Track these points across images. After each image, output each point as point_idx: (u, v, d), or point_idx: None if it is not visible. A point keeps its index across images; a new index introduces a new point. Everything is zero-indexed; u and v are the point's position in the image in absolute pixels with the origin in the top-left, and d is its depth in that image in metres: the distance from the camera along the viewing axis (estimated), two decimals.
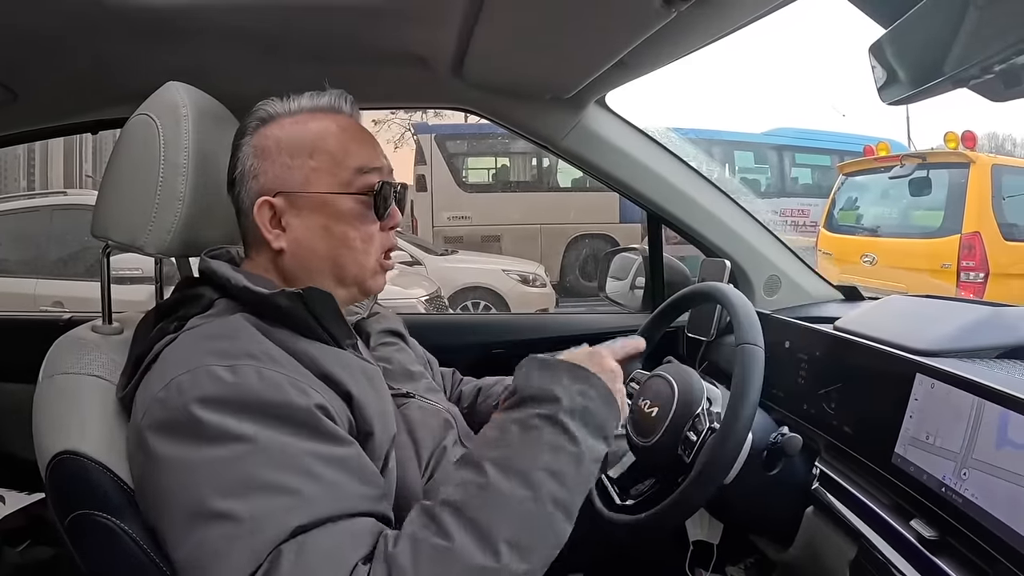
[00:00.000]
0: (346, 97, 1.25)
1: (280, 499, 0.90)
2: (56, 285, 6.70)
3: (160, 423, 0.97)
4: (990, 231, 6.65)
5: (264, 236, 1.18)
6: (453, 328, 2.56)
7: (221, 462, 0.92)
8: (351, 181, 1.19)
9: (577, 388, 1.05)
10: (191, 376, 0.97)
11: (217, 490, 0.90)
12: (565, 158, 2.13)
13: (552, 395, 1.04)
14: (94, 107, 1.94)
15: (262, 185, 1.19)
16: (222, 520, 0.89)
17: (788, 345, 1.74)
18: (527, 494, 0.95)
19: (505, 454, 0.99)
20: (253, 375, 0.98)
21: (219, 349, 1.01)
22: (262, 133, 1.21)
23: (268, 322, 1.09)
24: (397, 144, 19.44)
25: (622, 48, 1.48)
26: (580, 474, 1.01)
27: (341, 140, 1.20)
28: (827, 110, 45.26)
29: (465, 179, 13.19)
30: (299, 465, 0.93)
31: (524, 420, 1.02)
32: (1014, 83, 0.89)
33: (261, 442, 0.93)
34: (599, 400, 1.06)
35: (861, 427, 1.43)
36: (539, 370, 1.08)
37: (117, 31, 1.48)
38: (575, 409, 1.03)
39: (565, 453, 1.00)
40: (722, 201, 2.15)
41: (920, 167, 7.32)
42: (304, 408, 0.98)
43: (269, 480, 0.91)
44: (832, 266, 7.97)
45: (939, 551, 1.15)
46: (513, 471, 0.97)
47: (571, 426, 1.01)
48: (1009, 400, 1.09)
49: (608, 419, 1.07)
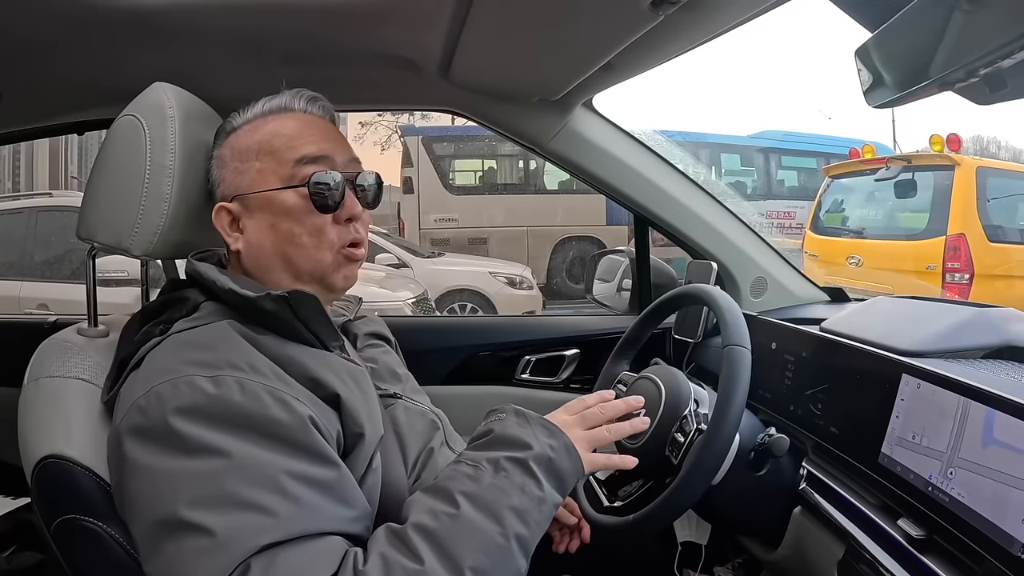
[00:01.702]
0: (301, 95, 1.25)
1: (253, 516, 0.90)
2: (41, 287, 6.64)
3: (138, 429, 0.97)
4: (975, 233, 6.69)
5: (225, 240, 1.21)
6: (440, 331, 2.55)
7: (197, 474, 0.92)
8: (293, 175, 1.19)
9: (548, 442, 1.09)
10: (172, 385, 0.97)
11: (191, 501, 0.90)
12: (552, 160, 2.13)
13: (525, 443, 1.08)
14: (80, 108, 1.93)
15: (222, 192, 1.22)
16: (194, 532, 0.89)
17: (775, 346, 1.75)
18: (495, 528, 0.99)
19: (477, 489, 1.02)
20: (235, 387, 0.97)
21: (202, 359, 1.00)
22: (224, 144, 1.24)
23: (254, 326, 1.09)
24: (384, 146, 19.47)
25: (610, 51, 1.49)
26: (541, 515, 1.05)
27: (286, 137, 1.20)
28: (813, 113, 45.50)
29: (452, 181, 13.17)
30: (275, 483, 0.93)
31: (497, 461, 1.05)
32: (999, 87, 0.90)
33: (238, 457, 0.93)
34: (564, 454, 1.10)
35: (848, 427, 1.44)
36: (516, 419, 1.12)
37: (104, 32, 1.47)
38: (543, 458, 1.07)
39: (531, 496, 1.04)
40: (709, 203, 2.16)
41: (905, 169, 7.37)
42: (286, 423, 0.97)
43: (244, 496, 0.91)
44: (818, 268, 8.00)
45: (926, 550, 1.15)
46: (483, 506, 1.00)
47: (538, 472, 1.06)
48: (994, 400, 1.10)
49: (570, 473, 1.11)
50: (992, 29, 0.81)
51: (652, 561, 1.82)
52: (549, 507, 1.06)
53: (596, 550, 1.69)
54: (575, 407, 1.24)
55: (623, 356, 1.77)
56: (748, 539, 1.72)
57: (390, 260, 9.40)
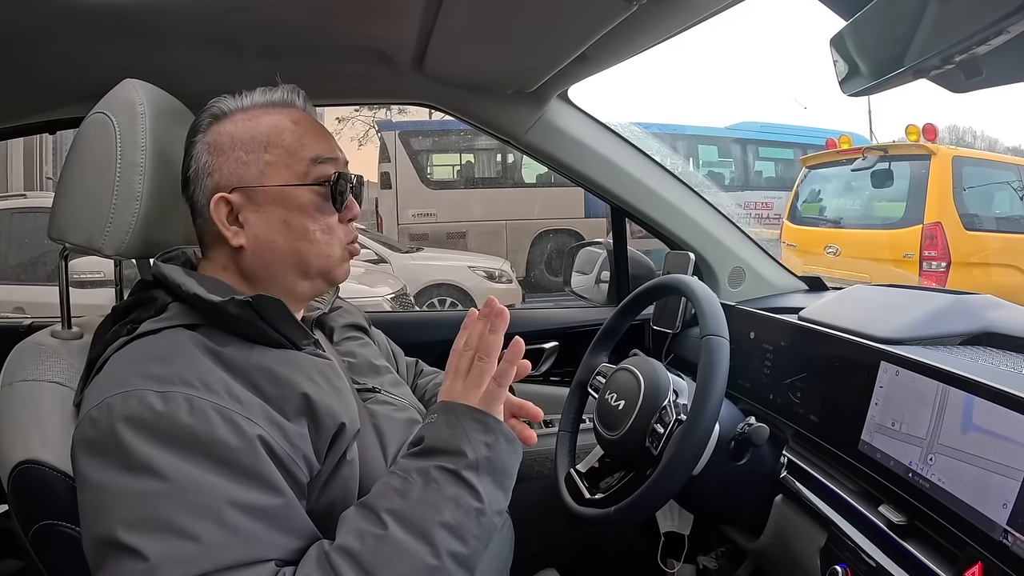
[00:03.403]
0: (298, 92, 1.24)
1: (186, 544, 0.88)
2: (16, 290, 6.56)
3: (87, 441, 0.95)
4: (951, 221, 6.74)
5: (222, 234, 1.16)
6: (419, 325, 2.54)
7: (136, 495, 0.90)
8: (307, 172, 1.17)
9: (483, 440, 1.03)
10: (123, 399, 0.95)
11: (128, 523, 0.88)
12: (528, 153, 2.13)
13: (457, 449, 1.01)
14: (51, 106, 1.90)
15: (217, 182, 1.17)
16: (130, 555, 0.87)
17: (753, 336, 1.76)
18: (425, 549, 0.94)
19: (405, 506, 0.97)
20: (184, 405, 0.95)
21: (155, 373, 0.98)
22: (215, 130, 1.19)
23: (219, 333, 1.07)
24: (361, 141, 19.34)
25: (583, 42, 1.48)
26: (481, 528, 1.00)
27: (295, 133, 1.19)
28: (790, 103, 45.75)
29: (430, 176, 13.12)
30: (213, 511, 0.91)
31: (426, 471, 1.00)
32: (974, 74, 0.90)
33: (178, 481, 0.91)
34: (504, 447, 1.05)
35: (827, 415, 1.44)
36: (447, 421, 1.05)
37: (72, 28, 1.44)
38: (480, 462, 1.01)
39: (466, 508, 0.98)
40: (686, 195, 2.16)
41: (882, 159, 7.41)
42: (232, 447, 0.95)
43: (179, 523, 0.89)
44: (796, 257, 8.03)
45: (908, 535, 1.16)
46: (411, 524, 0.95)
47: (474, 481, 1.00)
48: (973, 386, 1.11)
49: (512, 464, 1.06)
50: (967, 16, 0.81)
51: (635, 552, 1.82)
52: (490, 516, 1.01)
53: (579, 542, 1.69)
54: (461, 367, 1.12)
55: (602, 348, 1.77)
56: (731, 528, 1.72)
57: (368, 256, 9.35)
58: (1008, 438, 1.03)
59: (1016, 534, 0.98)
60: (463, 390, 1.08)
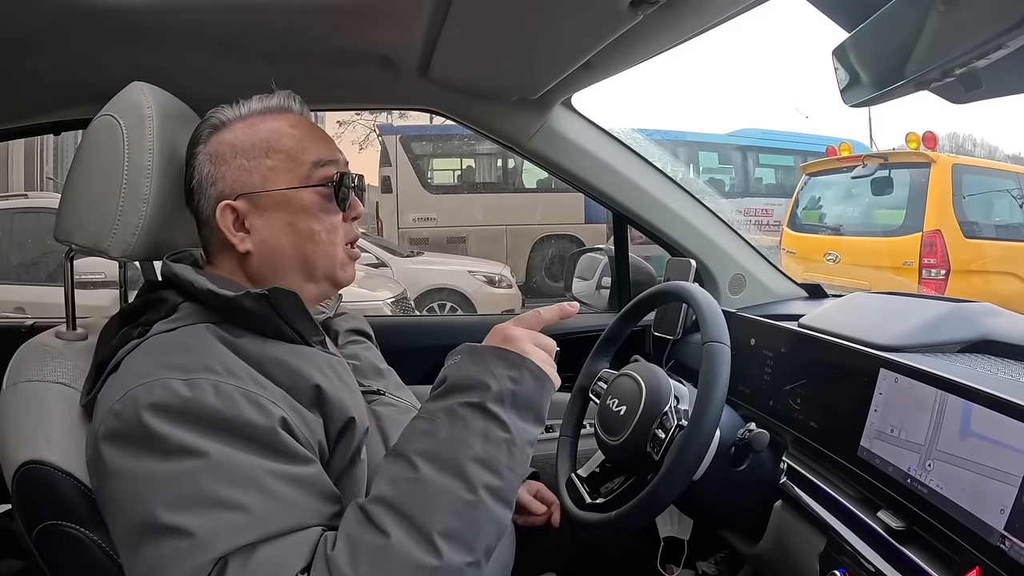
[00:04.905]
0: (295, 97, 1.25)
1: (231, 515, 0.89)
2: (17, 291, 6.55)
3: (114, 434, 0.96)
4: (951, 229, 6.75)
5: (228, 241, 1.17)
6: (419, 330, 2.55)
7: (173, 476, 0.91)
8: (309, 175, 1.19)
9: (507, 374, 1.03)
10: (147, 388, 0.96)
11: (168, 504, 0.89)
12: (531, 159, 2.14)
13: (481, 383, 1.02)
14: (56, 107, 1.90)
15: (221, 190, 1.18)
16: (173, 534, 0.88)
17: (753, 343, 1.76)
18: (459, 484, 0.95)
19: (434, 446, 0.98)
20: (210, 390, 0.96)
21: (177, 362, 0.99)
22: (215, 140, 1.20)
23: (233, 327, 1.08)
24: (362, 145, 19.32)
25: (589, 50, 1.49)
26: (513, 459, 1.00)
27: (295, 137, 1.20)
28: (790, 112, 45.59)
29: (430, 180, 13.11)
30: (252, 481, 0.92)
31: (451, 409, 1.01)
32: (974, 86, 0.91)
33: (214, 456, 0.92)
34: (530, 382, 1.04)
35: (827, 422, 1.45)
36: (471, 357, 1.06)
37: (80, 30, 1.45)
38: (504, 394, 1.01)
39: (495, 441, 0.99)
40: (687, 201, 2.17)
41: (882, 167, 7.42)
42: (261, 426, 0.96)
43: (221, 495, 0.90)
44: (796, 264, 8.04)
45: (906, 541, 1.17)
46: (444, 462, 0.96)
47: (499, 412, 1.00)
48: (971, 393, 1.12)
49: (540, 399, 1.06)
50: (967, 29, 0.82)
51: (635, 557, 1.83)
52: (521, 447, 1.01)
53: (579, 547, 1.69)
54: (529, 320, 1.17)
55: (603, 354, 1.77)
56: (730, 533, 1.72)
57: (369, 259, 9.32)
58: (1006, 445, 1.04)
59: (1013, 539, 0.99)
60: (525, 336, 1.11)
